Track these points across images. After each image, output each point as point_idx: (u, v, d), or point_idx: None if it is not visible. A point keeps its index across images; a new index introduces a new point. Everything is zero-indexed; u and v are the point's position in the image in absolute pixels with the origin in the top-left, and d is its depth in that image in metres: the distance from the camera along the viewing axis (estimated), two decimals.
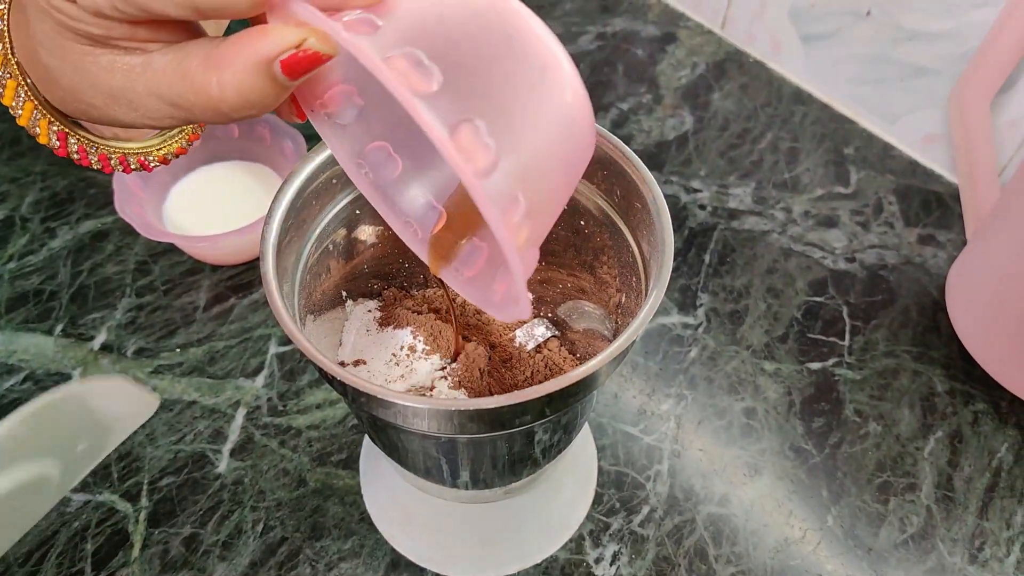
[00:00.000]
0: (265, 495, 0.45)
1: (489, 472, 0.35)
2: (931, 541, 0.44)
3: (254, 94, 0.22)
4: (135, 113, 0.23)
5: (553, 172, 0.23)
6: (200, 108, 0.22)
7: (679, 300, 0.54)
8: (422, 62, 0.20)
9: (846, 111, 0.66)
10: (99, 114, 0.23)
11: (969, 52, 0.56)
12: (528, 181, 0.22)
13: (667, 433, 0.48)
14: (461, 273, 0.29)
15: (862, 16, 0.61)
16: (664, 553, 0.43)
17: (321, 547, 0.43)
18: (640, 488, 0.45)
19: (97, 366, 0.50)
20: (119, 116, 0.23)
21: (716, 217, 0.59)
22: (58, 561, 0.42)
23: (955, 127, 0.58)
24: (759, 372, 0.51)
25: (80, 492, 0.44)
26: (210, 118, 0.22)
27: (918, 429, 0.48)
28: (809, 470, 0.46)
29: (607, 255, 0.37)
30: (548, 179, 0.23)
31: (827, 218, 0.59)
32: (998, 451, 0.47)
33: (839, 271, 0.56)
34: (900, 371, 0.51)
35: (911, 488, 0.46)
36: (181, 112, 0.23)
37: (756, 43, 0.71)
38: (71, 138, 0.25)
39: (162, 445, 0.46)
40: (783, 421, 0.48)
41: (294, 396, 0.49)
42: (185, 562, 0.42)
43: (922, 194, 0.61)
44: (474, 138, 0.20)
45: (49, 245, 0.56)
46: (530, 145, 0.22)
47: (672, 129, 0.65)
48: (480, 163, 0.20)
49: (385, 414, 0.28)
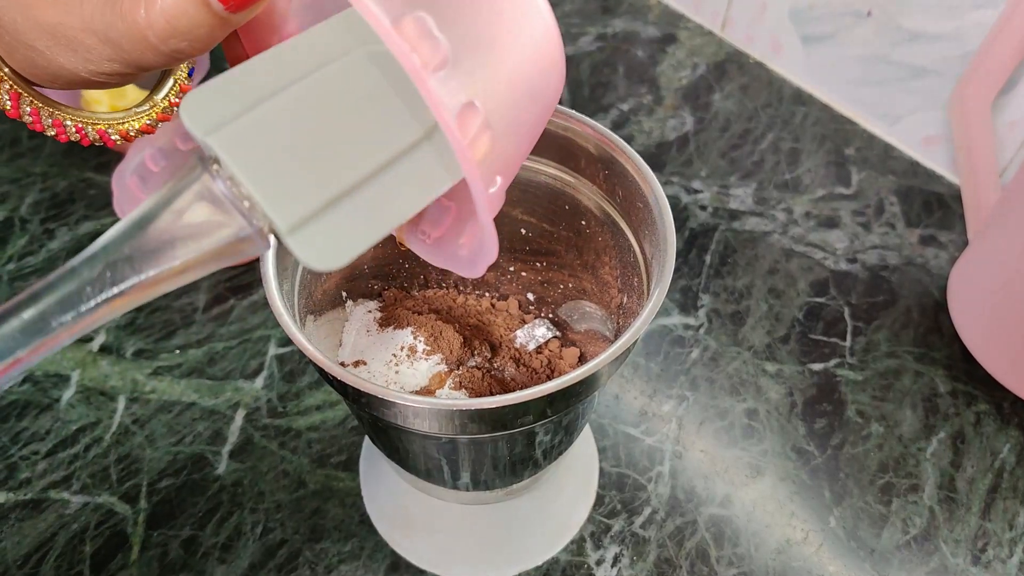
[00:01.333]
0: (265, 497, 0.44)
1: (490, 473, 0.35)
2: (934, 542, 0.44)
3: (182, 21, 0.20)
4: (75, 56, 0.22)
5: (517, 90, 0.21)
6: (128, 39, 0.21)
7: (680, 301, 0.54)
8: None
9: (847, 112, 0.66)
10: (44, 61, 0.22)
11: (970, 53, 0.56)
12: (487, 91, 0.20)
13: (668, 434, 0.48)
14: (428, 235, 0.27)
15: (862, 17, 0.61)
16: (666, 555, 0.43)
17: (321, 549, 0.43)
18: (641, 489, 0.45)
19: (96, 367, 0.49)
20: (61, 61, 0.22)
21: (717, 218, 0.59)
22: (56, 563, 0.42)
23: (956, 128, 0.58)
24: (761, 373, 0.50)
25: (79, 494, 0.44)
26: (141, 53, 0.21)
27: (920, 430, 0.48)
28: (811, 471, 0.46)
29: (609, 255, 0.37)
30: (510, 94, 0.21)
31: (828, 219, 0.59)
32: (1000, 452, 0.47)
33: (840, 272, 0.56)
34: (902, 372, 0.51)
35: (913, 489, 0.46)
36: (115, 51, 0.21)
37: (756, 44, 0.71)
38: (24, 99, 0.24)
39: (161, 447, 0.46)
40: (785, 422, 0.48)
41: (294, 397, 0.48)
42: (184, 564, 0.42)
43: (923, 195, 0.61)
44: (420, 29, 0.18)
45: (48, 246, 0.56)
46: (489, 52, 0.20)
47: (673, 130, 0.65)
48: (426, 55, 0.18)
49: (386, 414, 0.28)
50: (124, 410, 0.48)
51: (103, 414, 0.47)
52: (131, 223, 0.19)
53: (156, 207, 0.19)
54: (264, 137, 0.19)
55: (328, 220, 0.20)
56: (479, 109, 0.20)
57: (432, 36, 0.19)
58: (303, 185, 0.19)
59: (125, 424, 0.47)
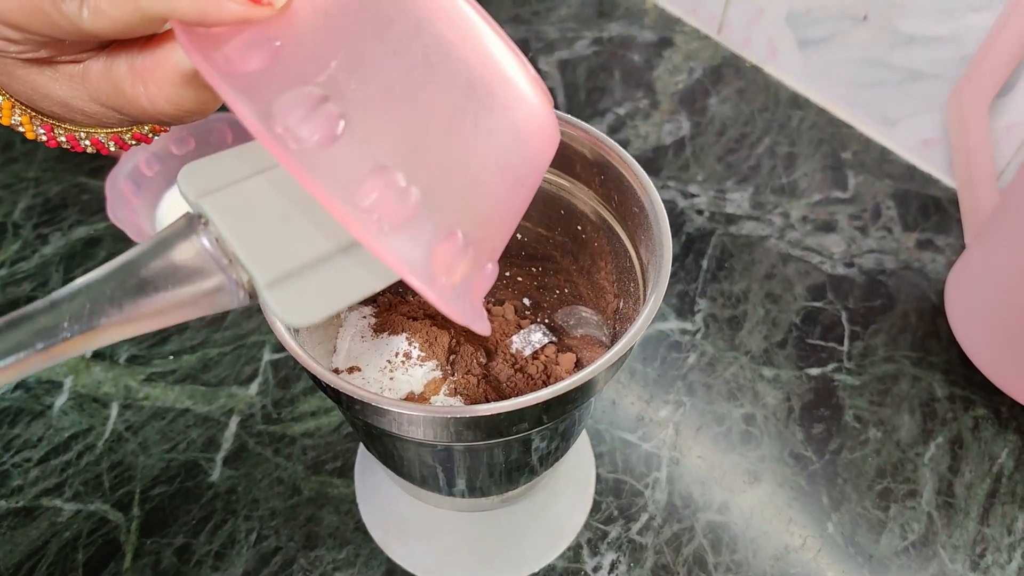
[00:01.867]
0: (259, 504, 0.44)
1: (486, 480, 0.35)
2: (932, 548, 0.44)
3: (188, 103, 0.21)
4: (91, 119, 0.23)
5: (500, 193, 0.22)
6: (144, 118, 0.22)
7: (677, 306, 0.54)
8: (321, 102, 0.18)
9: (843, 115, 0.66)
10: (61, 120, 0.24)
11: (967, 56, 0.56)
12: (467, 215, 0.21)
13: (665, 440, 0.47)
14: None
15: (859, 20, 0.61)
16: (663, 561, 0.43)
17: (316, 557, 0.42)
18: (638, 495, 0.45)
19: (89, 374, 0.49)
20: (79, 121, 0.23)
21: (714, 222, 0.59)
22: (49, 572, 0.41)
23: (953, 131, 0.58)
24: (758, 378, 0.50)
25: (71, 501, 0.44)
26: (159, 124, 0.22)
27: (918, 435, 0.48)
28: (809, 477, 0.46)
29: (605, 260, 0.36)
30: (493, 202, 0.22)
31: (825, 223, 0.59)
32: (999, 456, 0.47)
33: (838, 276, 0.56)
34: (900, 376, 0.51)
35: (912, 494, 0.46)
36: (128, 118, 0.23)
37: (753, 48, 0.71)
38: (57, 129, 0.25)
39: (154, 454, 0.46)
40: (782, 427, 0.48)
41: (288, 404, 0.48)
42: (178, 572, 0.42)
43: (920, 199, 0.61)
44: (387, 183, 0.19)
45: (41, 251, 0.55)
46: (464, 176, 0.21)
47: (669, 134, 0.65)
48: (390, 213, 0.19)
49: (380, 422, 0.27)
50: (117, 417, 0.47)
51: (96, 421, 0.47)
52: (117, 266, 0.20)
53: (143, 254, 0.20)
54: (250, 205, 0.21)
55: (303, 281, 0.21)
56: (458, 236, 0.20)
57: (399, 188, 0.19)
58: (282, 248, 0.21)
59: (118, 431, 0.47)
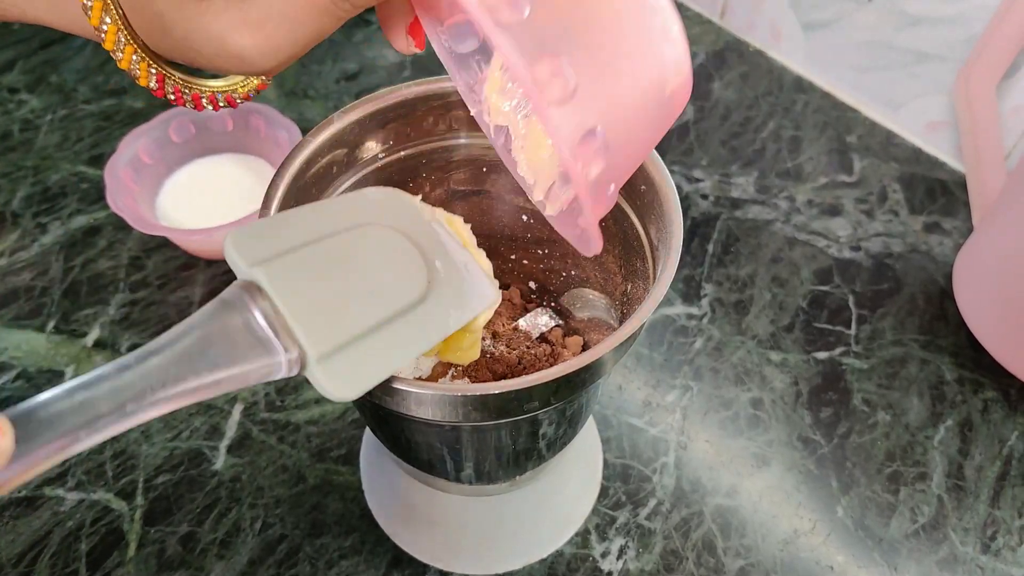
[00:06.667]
0: (263, 492, 0.44)
1: (493, 465, 0.34)
2: (943, 531, 0.43)
3: None
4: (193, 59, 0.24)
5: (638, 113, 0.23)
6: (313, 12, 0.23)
7: (683, 291, 0.53)
8: None
9: (848, 99, 0.66)
10: (205, 62, 0.24)
11: (974, 37, 0.56)
12: (609, 118, 0.22)
13: (673, 425, 0.47)
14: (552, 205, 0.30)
15: (864, 2, 0.60)
16: (672, 546, 0.42)
17: (321, 544, 0.42)
18: (646, 481, 0.45)
19: (90, 363, 0.49)
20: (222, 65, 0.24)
21: (719, 207, 0.58)
22: (52, 562, 0.41)
23: (961, 113, 0.57)
24: (765, 362, 0.50)
25: (74, 491, 0.43)
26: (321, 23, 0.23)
27: (927, 418, 0.48)
28: (818, 461, 0.46)
29: (612, 242, 0.36)
30: (632, 118, 0.23)
31: (831, 207, 0.58)
32: (1008, 439, 0.47)
33: (844, 260, 0.55)
34: (908, 360, 0.50)
35: (921, 477, 0.45)
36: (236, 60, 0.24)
37: (756, 32, 0.70)
38: (168, 80, 0.26)
39: (157, 442, 0.45)
40: (790, 411, 0.48)
41: (292, 391, 0.48)
42: (182, 561, 0.41)
43: (927, 181, 0.60)
44: (553, 68, 0.21)
45: (41, 240, 0.55)
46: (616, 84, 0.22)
47: None
48: (554, 92, 0.21)
49: (388, 403, 0.27)
50: None
51: None
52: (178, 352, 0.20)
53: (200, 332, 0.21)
54: (301, 276, 0.22)
55: (350, 353, 0.22)
56: (598, 135, 0.22)
57: (562, 74, 0.21)
58: (333, 321, 0.22)
59: None
